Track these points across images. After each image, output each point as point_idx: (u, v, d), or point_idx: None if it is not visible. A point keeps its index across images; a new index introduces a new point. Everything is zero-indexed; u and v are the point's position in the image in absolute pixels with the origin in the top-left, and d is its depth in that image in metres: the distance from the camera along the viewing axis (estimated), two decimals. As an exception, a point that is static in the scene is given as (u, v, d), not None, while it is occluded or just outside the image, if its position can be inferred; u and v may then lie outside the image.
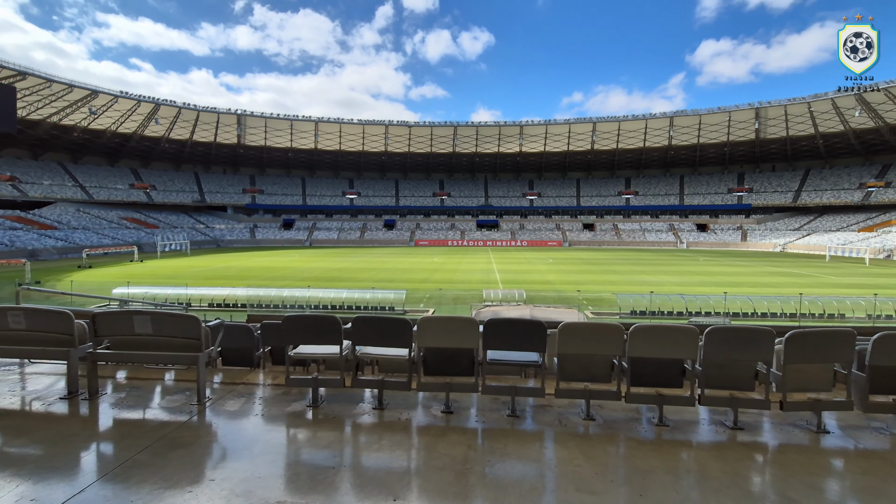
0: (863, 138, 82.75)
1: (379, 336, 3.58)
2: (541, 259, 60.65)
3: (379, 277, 40.83)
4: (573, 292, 32.90)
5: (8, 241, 59.61)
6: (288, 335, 3.50)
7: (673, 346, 3.42)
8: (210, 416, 3.52)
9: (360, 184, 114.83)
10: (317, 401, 3.67)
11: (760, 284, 36.51)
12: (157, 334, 3.39)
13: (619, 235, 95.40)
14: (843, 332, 3.45)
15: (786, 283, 36.85)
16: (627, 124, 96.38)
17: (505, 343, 3.53)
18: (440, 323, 3.52)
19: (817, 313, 23.94)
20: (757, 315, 24.39)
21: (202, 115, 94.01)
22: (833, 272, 45.09)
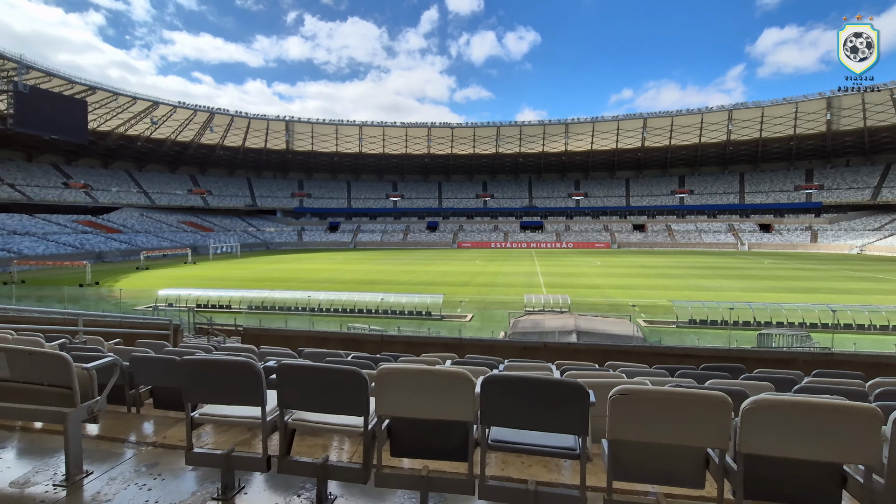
0: (958, 127, 73.78)
1: (320, 393, 2.32)
2: (587, 262, 57.94)
3: (418, 280, 40.07)
4: (623, 298, 30.67)
5: (79, 244, 63.78)
6: (189, 387, 2.42)
7: (830, 438, 1.84)
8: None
9: (403, 186, 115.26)
10: (228, 489, 2.51)
11: (839, 291, 32.66)
12: (15, 379, 2.44)
13: (672, 237, 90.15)
14: None
15: (869, 290, 32.80)
16: (681, 119, 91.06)
17: (519, 416, 2.18)
18: (410, 378, 2.18)
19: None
20: (840, 326, 21.43)
21: (253, 123, 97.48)
22: (926, 277, 39.97)
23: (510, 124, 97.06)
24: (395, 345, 6.58)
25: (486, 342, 6.16)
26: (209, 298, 27.21)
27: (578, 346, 5.78)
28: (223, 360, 2.33)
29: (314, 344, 6.67)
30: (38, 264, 47.54)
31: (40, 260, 50.58)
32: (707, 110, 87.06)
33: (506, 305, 28.27)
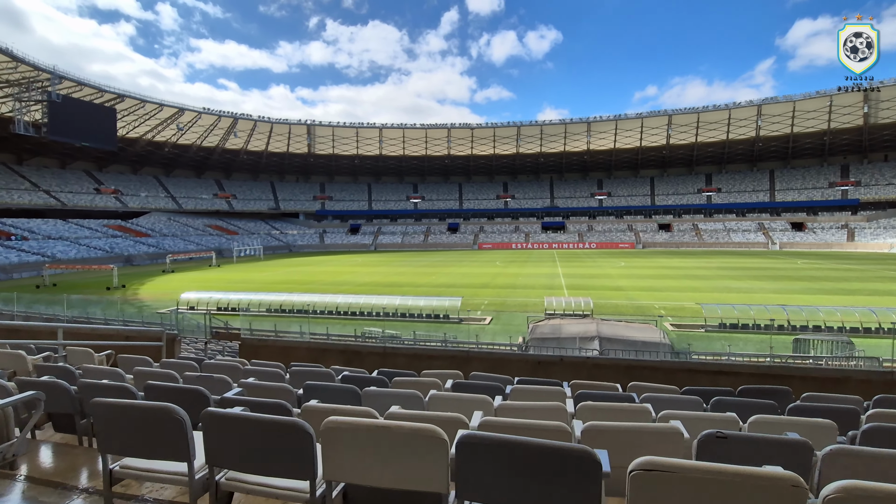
0: None
1: (256, 450, 1.84)
2: (611, 262, 56.58)
3: (438, 282, 39.70)
4: (648, 300, 29.65)
5: (109, 248, 65.68)
6: (104, 435, 2.00)
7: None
8: None
9: (423, 188, 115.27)
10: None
11: (880, 293, 30.88)
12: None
13: (699, 236, 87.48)
14: None
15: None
16: (708, 115, 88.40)
17: (507, 489, 1.63)
18: (365, 436, 1.67)
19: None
20: (884, 331, 20.06)
21: (275, 127, 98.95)
22: (977, 278, 37.52)
23: (531, 124, 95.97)
24: (398, 357, 6.16)
25: (497, 355, 5.68)
26: (229, 302, 27.40)
27: (599, 360, 5.25)
28: (139, 405, 1.91)
29: (313, 356, 6.31)
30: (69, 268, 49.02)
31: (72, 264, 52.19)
32: (735, 106, 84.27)
33: (526, 308, 27.63)
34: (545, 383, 4.40)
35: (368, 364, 6.21)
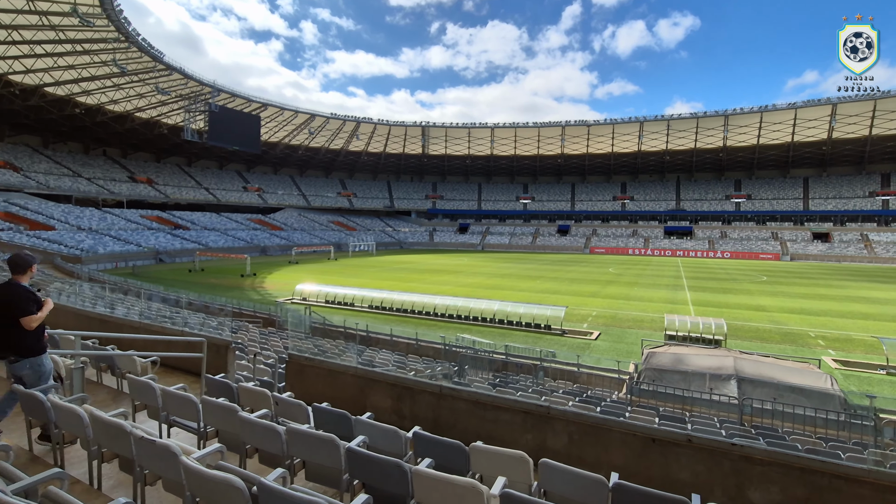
0: None
1: None
2: (749, 275, 48.85)
3: (542, 288, 37.56)
4: (800, 326, 24.45)
5: (248, 239, 74.34)
6: None
7: None
8: None
9: (534, 188, 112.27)
10: None
11: None
12: None
13: (870, 249, 72.10)
14: None
15: None
16: (887, 103, 72.30)
17: None
18: None
19: None
20: None
21: (393, 129, 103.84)
22: None
23: (655, 119, 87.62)
24: (457, 402, 4.93)
25: (590, 421, 4.14)
26: (336, 295, 28.57)
27: (753, 452, 3.46)
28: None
29: (359, 387, 5.41)
30: (215, 255, 56.18)
31: (217, 252, 59.84)
32: (932, 88, 67.61)
33: (641, 324, 24.53)
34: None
35: (420, 406, 5.11)
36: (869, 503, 3.22)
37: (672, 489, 3.27)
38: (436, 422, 4.95)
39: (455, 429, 4.79)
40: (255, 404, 4.92)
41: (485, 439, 4.18)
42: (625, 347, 19.25)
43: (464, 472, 3.58)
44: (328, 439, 3.37)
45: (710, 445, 3.65)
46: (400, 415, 5.18)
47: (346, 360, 8.76)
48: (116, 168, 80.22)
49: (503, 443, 4.09)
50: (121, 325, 9.16)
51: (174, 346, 7.50)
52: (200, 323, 14.25)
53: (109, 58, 55.76)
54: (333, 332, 17.22)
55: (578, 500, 3.00)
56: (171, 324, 11.97)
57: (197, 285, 34.48)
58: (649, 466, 3.86)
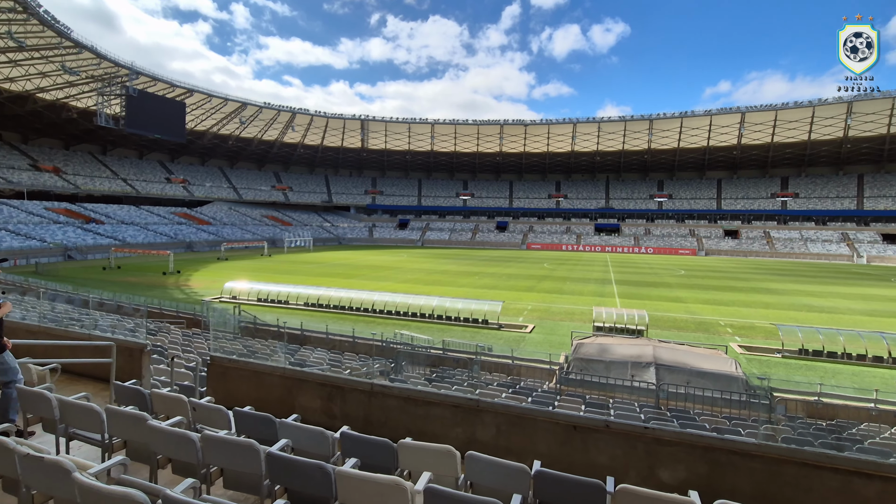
0: None
1: None
2: (669, 270, 52.68)
3: (481, 283, 38.26)
4: (712, 315, 26.75)
5: (173, 234, 69.36)
6: None
7: None
8: None
9: (473, 185, 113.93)
10: None
11: None
12: None
13: (771, 245, 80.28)
14: None
15: None
16: (787, 113, 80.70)
17: None
18: None
19: None
20: None
21: (331, 122, 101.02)
22: None
23: (588, 121, 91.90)
24: (388, 399, 4.88)
25: (516, 412, 4.25)
26: (269, 293, 27.40)
27: (663, 434, 3.71)
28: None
29: (286, 388, 5.21)
30: (133, 252, 51.87)
31: (137, 248, 55.28)
32: (821, 103, 76.30)
33: (572, 316, 25.70)
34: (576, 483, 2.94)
35: (351, 405, 5.00)
36: (760, 475, 3.58)
37: (591, 473, 3.43)
38: (367, 420, 4.85)
39: (386, 426, 4.73)
40: (171, 411, 4.58)
41: (416, 435, 4.17)
42: (557, 339, 20.07)
43: (392, 470, 3.54)
44: (247, 445, 3.20)
45: (626, 430, 3.88)
46: (330, 415, 5.03)
47: (276, 360, 8.40)
48: (15, 154, 71.55)
49: (434, 437, 4.10)
50: (14, 329, 8.17)
51: (80, 351, 6.81)
52: (112, 325, 13.08)
53: (3, 29, 49.51)
54: (265, 332, 16.49)
55: (503, 490, 3.07)
56: (78, 327, 10.88)
57: (112, 284, 31.66)
58: (571, 453, 4.04)
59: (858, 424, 9.73)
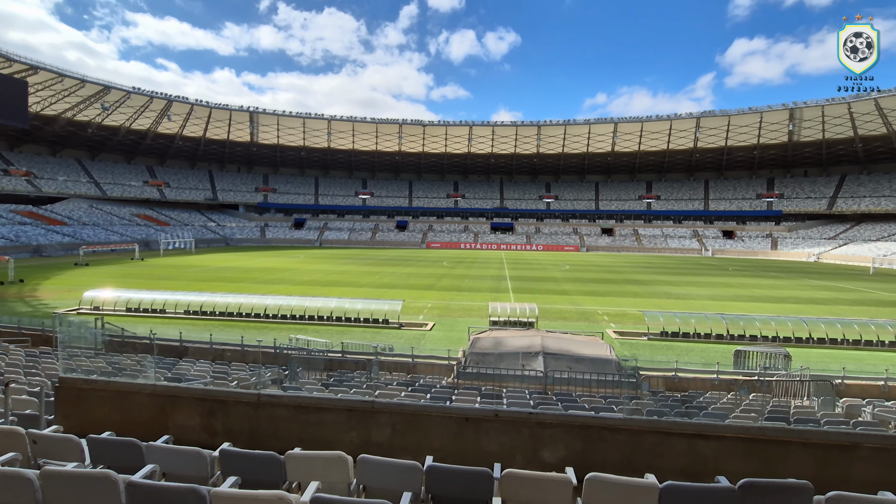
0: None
1: None
2: (557, 265, 57.06)
3: (381, 283, 37.96)
4: (592, 305, 29.53)
5: (14, 236, 58.54)
6: None
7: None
8: None
9: (373, 184, 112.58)
10: None
11: (805, 300, 32.52)
12: None
13: (639, 241, 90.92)
14: None
15: (835, 301, 32.78)
16: (651, 125, 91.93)
17: None
18: None
19: (887, 340, 20.19)
20: (814, 341, 20.68)
21: (215, 113, 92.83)
22: (881, 287, 40.65)
23: (483, 124, 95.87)
24: (278, 409, 4.64)
25: (410, 410, 4.29)
26: (141, 301, 24.38)
27: (545, 418, 4.01)
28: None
29: (159, 406, 4.69)
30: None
31: (-38, 253, 45.66)
32: (676, 117, 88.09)
33: (470, 312, 26.62)
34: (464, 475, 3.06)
35: (235, 418, 4.65)
36: (625, 446, 4.06)
37: (482, 461, 3.59)
38: (253, 434, 4.51)
39: (275, 438, 4.45)
40: (2, 448, 3.84)
41: (307, 444, 4.00)
42: (456, 335, 20.65)
43: (279, 484, 3.35)
44: (102, 476, 2.79)
45: (513, 417, 4.13)
46: (211, 432, 4.59)
47: (147, 376, 7.49)
48: None
49: (327, 444, 3.96)
50: None
51: None
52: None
53: None
54: (135, 346, 14.60)
55: (394, 489, 3.07)
56: None
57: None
58: (464, 444, 4.19)
59: (704, 393, 11.48)
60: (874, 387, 13.17)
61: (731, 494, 3.06)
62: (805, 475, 3.60)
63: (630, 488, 2.96)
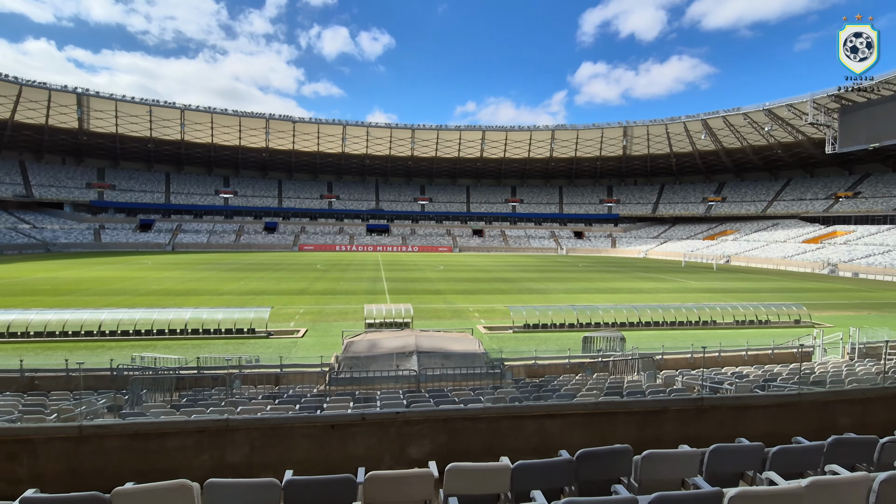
0: (705, 159, 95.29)
1: None
2: (431, 266, 58.71)
3: (247, 289, 35.09)
4: (464, 303, 31.01)
5: None
6: None
7: None
8: None
9: (237, 182, 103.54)
10: None
11: (636, 290, 38.21)
12: None
13: (506, 241, 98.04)
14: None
15: (658, 290, 39.09)
16: (514, 135, 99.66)
17: None
18: None
19: (693, 320, 24.72)
20: (642, 324, 24.43)
21: (26, 91, 76.56)
22: (691, 277, 49.63)
23: (357, 124, 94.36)
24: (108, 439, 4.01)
25: (271, 423, 4.05)
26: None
27: (412, 416, 4.12)
28: None
29: None
30: None
31: None
32: (535, 128, 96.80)
33: (346, 316, 26.04)
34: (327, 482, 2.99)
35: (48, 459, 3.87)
36: (485, 433, 4.38)
37: (348, 468, 3.54)
38: (74, 473, 3.77)
39: (104, 475, 3.78)
40: None
41: (146, 476, 3.52)
42: (330, 340, 20.00)
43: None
44: None
45: (381, 419, 4.16)
46: (13, 480, 3.72)
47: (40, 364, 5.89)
48: None
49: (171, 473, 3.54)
50: None
51: None
52: None
53: None
54: None
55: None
56: None
57: None
58: (330, 452, 4.08)
59: (558, 377, 12.85)
60: (684, 359, 16.07)
61: (570, 465, 3.50)
62: (628, 439, 4.26)
63: (487, 472, 3.20)
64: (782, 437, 4.66)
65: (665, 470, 3.63)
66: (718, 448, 3.87)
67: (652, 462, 3.61)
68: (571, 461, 3.54)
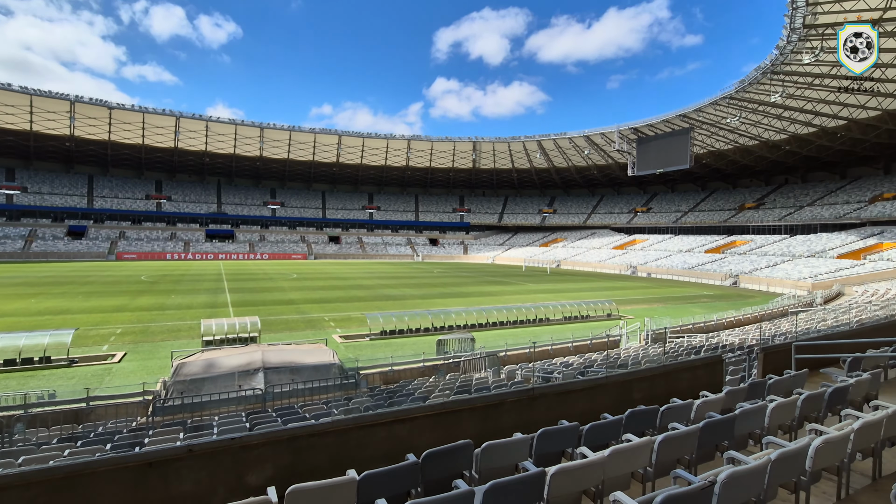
0: (540, 175, 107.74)
1: None
2: (284, 275, 55.21)
3: (41, 308, 28.53)
4: (319, 313, 29.82)
5: None
6: None
7: None
8: None
9: (26, 176, 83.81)
10: None
11: (486, 294, 41.23)
12: None
13: (363, 248, 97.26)
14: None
15: (503, 292, 42.74)
16: (371, 142, 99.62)
17: None
18: None
19: (531, 318, 27.60)
20: (490, 324, 26.43)
21: None
22: (530, 280, 55.44)
23: (194, 117, 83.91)
24: None
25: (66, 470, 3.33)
26: None
27: (249, 440, 3.77)
28: None
29: None
30: None
31: None
32: (392, 137, 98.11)
33: (178, 334, 22.92)
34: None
35: None
36: (333, 447, 4.26)
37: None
38: None
39: None
40: None
41: None
42: (157, 363, 17.36)
43: None
44: None
45: (212, 448, 3.72)
46: None
47: None
48: None
49: None
50: None
51: None
52: None
53: None
54: None
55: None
56: None
57: None
58: (148, 495, 3.47)
59: (413, 381, 13.16)
60: (524, 354, 17.86)
61: (416, 467, 3.60)
62: (471, 434, 4.55)
63: (332, 488, 3.10)
64: (594, 415, 5.48)
65: (501, 458, 3.97)
66: (544, 431, 4.39)
67: (489, 453, 3.92)
68: (417, 463, 3.64)
